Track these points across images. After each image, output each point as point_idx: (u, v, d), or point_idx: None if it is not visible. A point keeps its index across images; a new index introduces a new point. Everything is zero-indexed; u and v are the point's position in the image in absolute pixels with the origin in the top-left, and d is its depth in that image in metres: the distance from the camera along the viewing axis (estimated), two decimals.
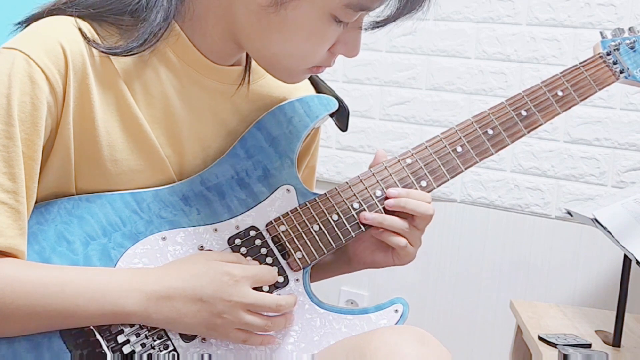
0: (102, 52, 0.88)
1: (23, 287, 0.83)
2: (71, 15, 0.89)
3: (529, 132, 1.04)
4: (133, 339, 0.89)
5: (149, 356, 0.89)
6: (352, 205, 0.98)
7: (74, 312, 0.84)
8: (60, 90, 0.86)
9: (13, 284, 0.82)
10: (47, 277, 0.84)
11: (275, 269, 0.94)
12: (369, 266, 1.05)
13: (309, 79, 1.06)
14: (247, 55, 1.01)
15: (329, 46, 0.91)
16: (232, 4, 0.90)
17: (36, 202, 0.89)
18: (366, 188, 0.99)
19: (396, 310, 0.97)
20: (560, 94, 1.06)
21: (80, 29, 0.88)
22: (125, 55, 0.89)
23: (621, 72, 1.09)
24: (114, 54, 0.89)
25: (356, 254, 1.04)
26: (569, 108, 1.06)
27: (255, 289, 0.91)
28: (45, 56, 0.85)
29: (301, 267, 0.96)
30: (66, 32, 0.87)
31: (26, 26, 0.91)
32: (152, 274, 0.89)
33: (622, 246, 1.25)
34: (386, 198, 0.98)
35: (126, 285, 0.86)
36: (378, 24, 0.90)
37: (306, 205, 0.98)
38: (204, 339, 0.91)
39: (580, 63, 1.08)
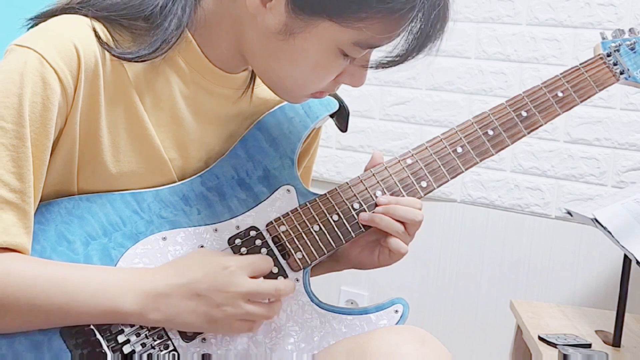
0: (115, 56, 0.88)
1: (24, 281, 0.83)
2: (86, 16, 0.89)
3: (529, 132, 1.04)
4: (133, 338, 0.89)
5: (149, 356, 0.89)
6: (352, 206, 0.98)
7: (73, 308, 0.85)
8: (71, 92, 0.86)
9: (14, 277, 0.83)
10: (48, 272, 0.85)
11: (270, 258, 0.95)
12: (354, 266, 1.05)
13: None
14: None
15: (334, 77, 0.91)
16: (242, 22, 0.90)
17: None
18: (366, 188, 0.99)
19: (396, 311, 0.97)
20: (560, 94, 1.06)
21: (94, 30, 0.88)
22: (136, 62, 0.89)
23: (621, 73, 1.09)
24: (126, 59, 0.89)
25: (344, 253, 1.05)
26: (570, 109, 1.06)
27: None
28: (59, 57, 0.84)
29: (301, 267, 0.96)
30: (81, 32, 0.87)
31: (38, 22, 0.90)
32: (149, 273, 0.89)
33: (622, 246, 1.25)
34: (377, 205, 0.99)
35: (124, 285, 0.86)
36: (385, 65, 0.90)
37: (306, 205, 0.98)
38: (204, 338, 0.91)
39: (580, 64, 1.08)
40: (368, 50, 0.89)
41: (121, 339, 0.88)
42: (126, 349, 0.88)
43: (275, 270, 0.95)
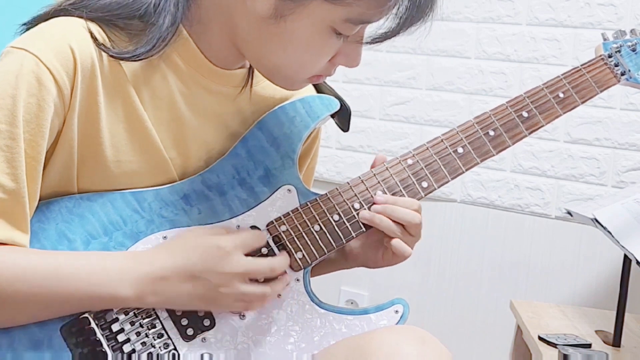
0: (112, 56, 0.88)
1: (21, 271, 0.83)
2: (80, 17, 0.89)
3: (530, 133, 1.04)
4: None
5: (149, 355, 0.89)
6: (353, 206, 0.98)
7: (71, 296, 0.85)
8: (68, 93, 0.86)
9: (10, 268, 0.83)
10: (44, 261, 0.85)
11: (262, 234, 0.95)
12: (361, 264, 1.06)
13: None
14: None
15: (329, 58, 0.91)
16: (233, 13, 0.90)
17: (38, 201, 0.89)
18: (367, 189, 0.99)
19: (396, 311, 0.97)
20: (561, 95, 1.06)
21: (90, 32, 0.88)
22: (134, 60, 0.89)
23: (622, 74, 1.09)
24: (123, 59, 0.89)
25: (352, 251, 1.05)
26: (571, 109, 1.06)
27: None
28: (54, 58, 0.85)
29: (302, 266, 0.96)
30: (76, 33, 0.87)
31: (32, 26, 0.90)
32: (144, 256, 0.89)
33: (622, 246, 1.25)
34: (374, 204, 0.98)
35: (120, 271, 0.87)
36: (376, 40, 0.90)
37: (307, 205, 0.98)
38: (204, 338, 0.91)
39: (581, 65, 1.08)
40: (361, 26, 0.89)
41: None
42: (126, 348, 0.88)
43: (263, 233, 0.95)
